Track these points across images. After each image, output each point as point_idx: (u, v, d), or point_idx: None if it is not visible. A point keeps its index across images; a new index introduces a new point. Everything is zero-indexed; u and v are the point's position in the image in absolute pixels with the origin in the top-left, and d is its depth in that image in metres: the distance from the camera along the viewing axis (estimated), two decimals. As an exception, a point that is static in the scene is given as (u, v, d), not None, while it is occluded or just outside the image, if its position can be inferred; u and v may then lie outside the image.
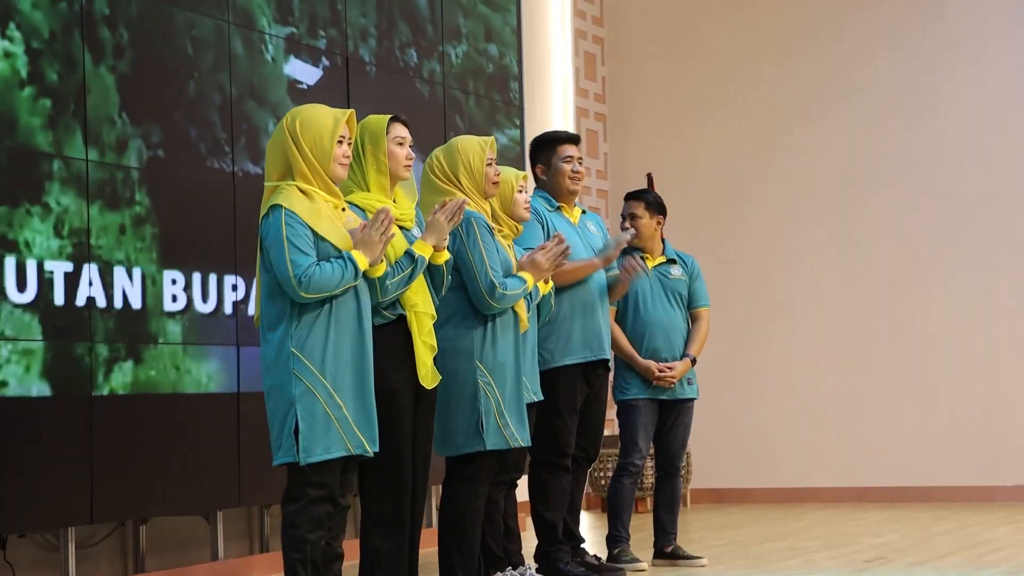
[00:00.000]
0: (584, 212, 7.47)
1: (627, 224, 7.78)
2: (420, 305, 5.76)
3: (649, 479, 10.67)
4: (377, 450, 5.45)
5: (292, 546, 5.32)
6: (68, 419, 6.78)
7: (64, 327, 6.77)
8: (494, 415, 6.19)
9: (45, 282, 6.70)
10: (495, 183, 6.39)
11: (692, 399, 7.89)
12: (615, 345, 7.59)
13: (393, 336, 5.69)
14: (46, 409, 6.68)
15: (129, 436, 7.09)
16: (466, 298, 6.22)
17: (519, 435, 6.27)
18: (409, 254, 5.65)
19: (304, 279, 5.24)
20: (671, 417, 7.82)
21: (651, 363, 7.69)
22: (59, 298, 6.76)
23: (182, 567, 7.68)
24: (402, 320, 5.73)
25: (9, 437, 6.50)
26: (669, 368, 7.72)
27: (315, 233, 5.32)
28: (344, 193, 5.69)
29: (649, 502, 11.02)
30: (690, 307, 7.93)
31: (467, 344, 6.18)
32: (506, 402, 6.23)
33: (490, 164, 6.35)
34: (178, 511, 7.61)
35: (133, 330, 7.13)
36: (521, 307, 6.39)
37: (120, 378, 7.04)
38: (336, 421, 5.31)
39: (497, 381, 6.21)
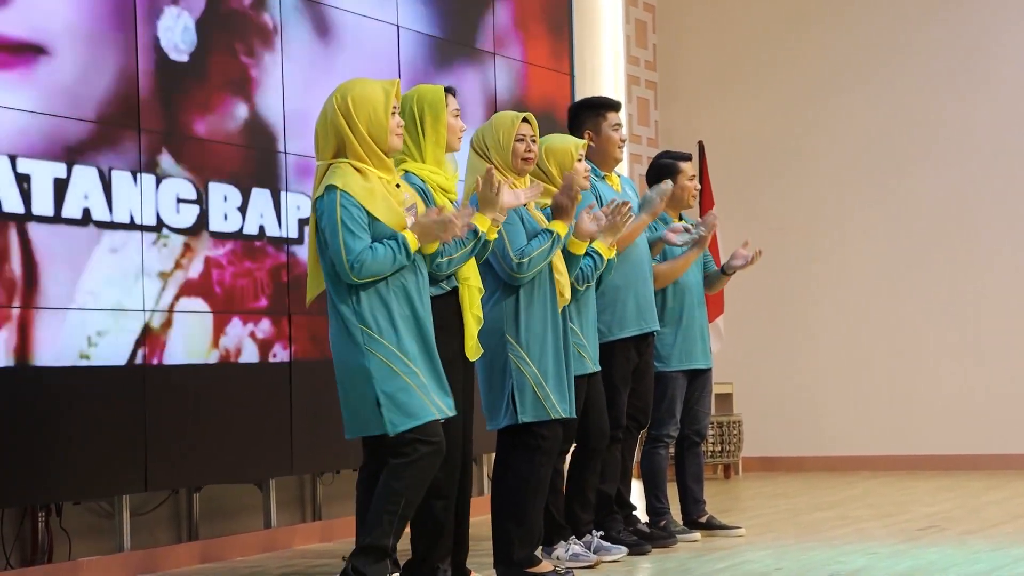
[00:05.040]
0: (619, 177, 7.48)
1: (696, 188, 7.82)
2: (472, 279, 5.79)
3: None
4: (455, 413, 5.47)
5: (387, 498, 5.29)
6: (122, 388, 6.84)
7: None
8: (531, 387, 6.17)
9: (98, 252, 6.76)
10: (526, 159, 6.31)
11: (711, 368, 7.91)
12: (671, 271, 7.59)
13: (446, 307, 5.70)
14: (100, 378, 6.73)
15: (183, 405, 7.15)
16: (495, 275, 6.21)
17: (560, 407, 6.24)
18: (473, 230, 5.67)
19: (356, 264, 5.24)
20: (698, 387, 7.82)
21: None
22: (112, 268, 6.83)
23: (235, 535, 7.74)
24: (455, 292, 5.76)
25: (64, 406, 6.55)
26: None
27: (369, 214, 5.32)
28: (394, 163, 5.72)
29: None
30: (706, 269, 7.96)
31: (497, 320, 6.16)
32: (547, 374, 6.21)
33: (521, 139, 6.28)
34: (231, 479, 7.66)
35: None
36: (562, 276, 6.36)
37: (172, 348, 7.10)
38: (417, 388, 5.31)
39: (532, 354, 6.20)
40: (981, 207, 11.88)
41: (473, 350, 5.80)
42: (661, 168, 7.82)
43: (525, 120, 6.32)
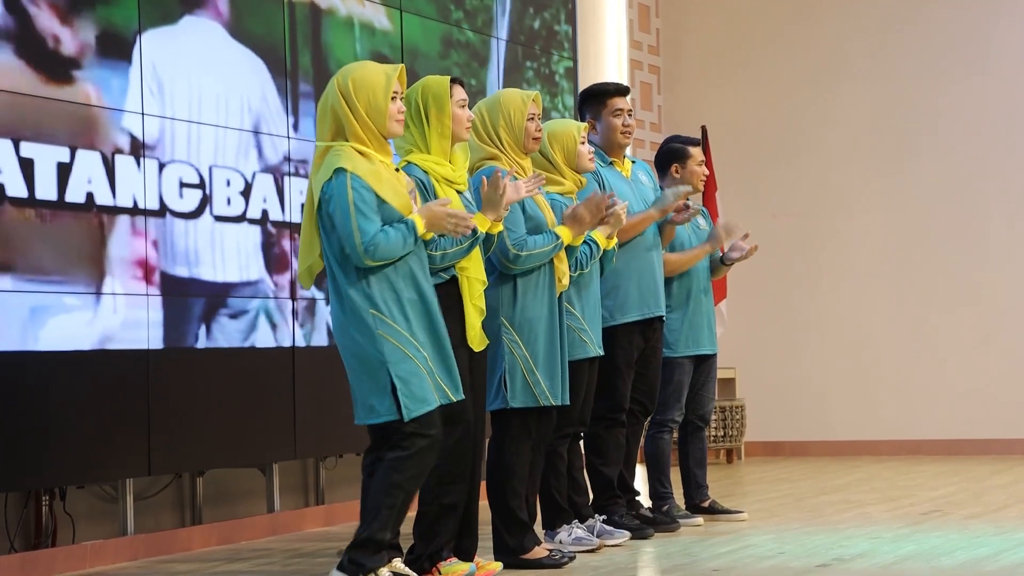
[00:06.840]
0: (634, 163, 7.45)
1: (704, 173, 7.81)
2: (471, 270, 5.75)
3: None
4: (462, 397, 5.47)
5: (386, 491, 5.29)
6: (126, 372, 6.84)
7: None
8: (521, 372, 6.16)
9: (101, 236, 6.77)
10: (535, 139, 6.28)
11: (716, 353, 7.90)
12: (680, 263, 7.57)
13: (447, 296, 5.68)
14: (105, 362, 6.74)
15: (186, 389, 7.15)
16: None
17: (551, 393, 6.22)
18: (471, 229, 5.65)
19: (371, 247, 5.22)
20: (703, 372, 7.81)
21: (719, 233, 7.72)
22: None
23: (238, 519, 7.75)
24: (454, 280, 5.74)
25: (69, 390, 6.56)
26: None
27: (378, 197, 5.31)
28: (400, 153, 5.71)
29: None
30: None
31: (493, 302, 6.11)
32: (537, 359, 6.19)
33: (531, 119, 6.25)
34: (234, 463, 7.67)
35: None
36: (562, 263, 6.33)
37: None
38: (426, 373, 5.31)
39: (525, 338, 6.18)
40: (985, 190, 11.87)
41: (477, 340, 5.78)
42: (671, 152, 7.80)
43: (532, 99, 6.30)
